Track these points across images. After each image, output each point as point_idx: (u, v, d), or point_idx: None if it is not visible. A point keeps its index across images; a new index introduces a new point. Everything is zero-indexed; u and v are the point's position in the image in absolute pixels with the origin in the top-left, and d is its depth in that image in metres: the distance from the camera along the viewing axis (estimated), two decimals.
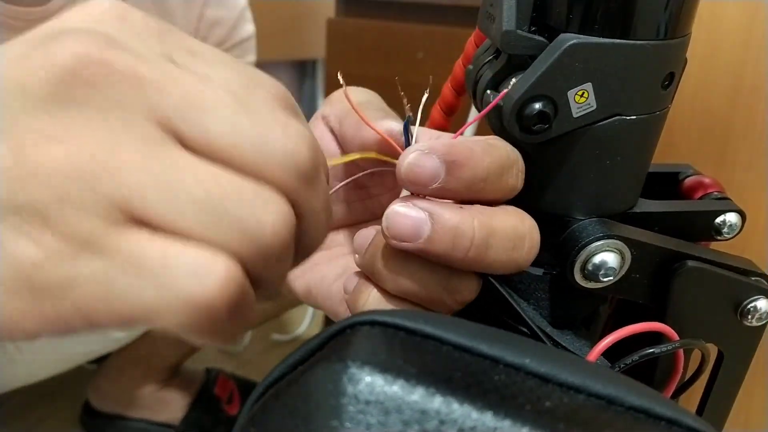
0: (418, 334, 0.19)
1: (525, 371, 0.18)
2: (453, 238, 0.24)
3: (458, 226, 0.24)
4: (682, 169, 0.36)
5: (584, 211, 0.29)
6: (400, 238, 0.24)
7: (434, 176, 0.24)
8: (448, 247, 0.24)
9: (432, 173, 0.24)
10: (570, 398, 0.17)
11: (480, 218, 0.25)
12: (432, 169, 0.24)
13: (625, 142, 0.28)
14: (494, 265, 0.26)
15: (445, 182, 0.24)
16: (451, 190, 0.24)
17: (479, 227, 0.25)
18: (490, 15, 0.28)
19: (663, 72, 0.27)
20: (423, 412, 0.16)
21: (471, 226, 0.24)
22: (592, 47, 0.25)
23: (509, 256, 0.26)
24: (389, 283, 0.26)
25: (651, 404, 0.18)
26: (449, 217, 0.24)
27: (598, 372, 0.18)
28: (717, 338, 0.32)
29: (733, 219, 0.32)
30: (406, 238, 0.24)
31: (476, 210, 0.25)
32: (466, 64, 0.33)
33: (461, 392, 0.16)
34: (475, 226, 0.24)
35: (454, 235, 0.24)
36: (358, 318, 0.19)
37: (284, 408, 0.18)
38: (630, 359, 0.28)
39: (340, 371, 0.17)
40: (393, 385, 0.16)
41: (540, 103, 0.26)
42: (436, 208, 0.24)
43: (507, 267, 0.26)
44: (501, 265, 0.26)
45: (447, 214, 0.24)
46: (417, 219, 0.24)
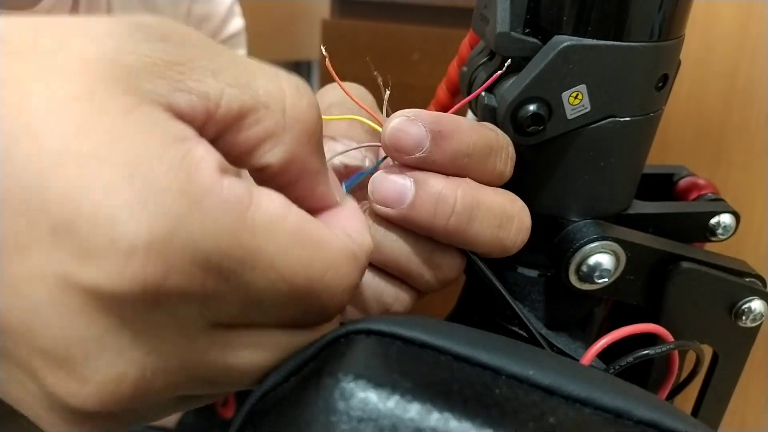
0: (415, 344, 0.18)
1: (528, 383, 0.17)
2: (435, 204, 0.24)
3: (441, 191, 0.24)
4: (676, 170, 0.35)
5: (579, 213, 0.29)
6: (385, 203, 0.24)
7: (418, 144, 0.24)
8: (430, 214, 0.24)
9: (416, 140, 0.24)
10: (576, 412, 0.16)
11: (465, 188, 0.25)
12: (416, 135, 0.24)
13: (619, 143, 0.28)
14: (478, 240, 0.25)
15: (429, 152, 0.24)
16: (434, 162, 0.24)
17: (462, 196, 0.24)
18: (484, 17, 0.28)
19: (657, 74, 0.27)
20: (419, 430, 0.15)
21: (454, 193, 0.24)
22: (586, 49, 0.25)
23: (494, 234, 0.25)
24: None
25: (661, 417, 0.17)
26: (433, 184, 0.24)
27: (605, 382, 0.17)
28: (712, 339, 0.32)
29: (728, 220, 0.32)
30: (391, 203, 0.24)
31: (463, 181, 0.25)
32: (460, 65, 0.32)
33: (459, 407, 0.15)
34: (458, 195, 0.24)
35: (436, 200, 0.24)
36: (353, 327, 0.18)
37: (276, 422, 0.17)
38: (625, 361, 0.28)
39: (331, 386, 0.16)
40: (388, 401, 0.15)
41: (534, 105, 0.26)
42: (421, 175, 0.24)
43: (492, 246, 0.26)
44: (485, 242, 0.25)
45: (432, 180, 0.24)
46: (402, 185, 0.24)
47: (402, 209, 0.24)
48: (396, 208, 0.24)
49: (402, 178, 0.24)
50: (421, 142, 0.24)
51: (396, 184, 0.24)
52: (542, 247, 0.29)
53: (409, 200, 0.24)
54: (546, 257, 0.30)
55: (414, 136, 0.24)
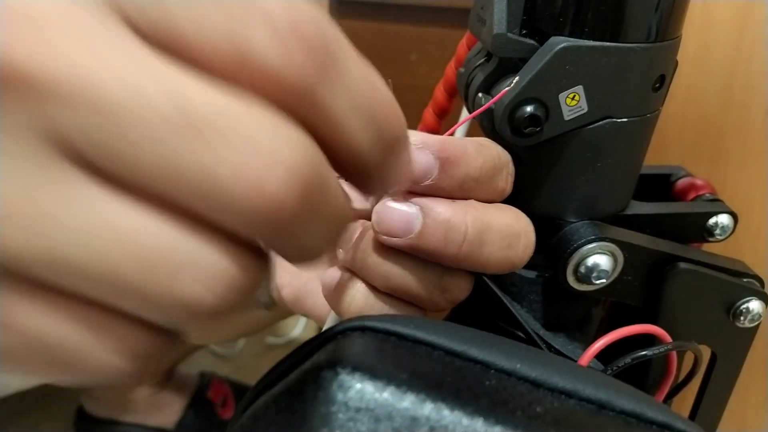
0: (409, 340, 0.19)
1: (516, 376, 0.18)
2: (445, 233, 0.23)
3: (450, 219, 0.23)
4: (674, 170, 0.36)
5: (576, 214, 0.29)
6: (391, 234, 0.24)
7: (427, 172, 0.23)
8: (440, 243, 0.23)
9: (425, 169, 0.23)
10: (561, 403, 0.17)
11: (473, 213, 0.24)
12: (425, 164, 0.23)
13: (616, 144, 0.28)
14: (488, 263, 0.25)
15: (438, 179, 0.23)
16: (442, 189, 0.24)
17: (472, 222, 0.24)
18: (480, 18, 0.28)
19: (653, 74, 0.27)
20: (414, 419, 0.16)
21: (463, 220, 0.24)
22: (582, 50, 0.25)
23: (504, 254, 0.25)
24: (378, 280, 0.25)
25: (642, 408, 0.18)
26: (441, 211, 0.23)
27: (589, 376, 0.18)
28: (710, 340, 0.32)
29: (725, 220, 0.32)
30: (397, 234, 0.24)
31: (469, 205, 0.24)
32: (457, 66, 0.32)
33: (452, 398, 0.16)
34: (468, 221, 0.24)
35: (446, 229, 0.23)
36: (349, 324, 0.19)
37: (275, 416, 0.17)
38: (623, 361, 0.28)
39: (330, 378, 0.17)
40: (383, 392, 0.16)
41: (531, 106, 0.26)
42: (427, 202, 0.24)
43: (501, 266, 0.25)
44: (495, 263, 0.25)
45: (439, 207, 0.23)
46: (408, 213, 0.23)
47: (410, 239, 0.23)
48: (403, 238, 0.24)
49: (407, 206, 0.23)
50: (430, 170, 0.23)
51: (402, 214, 0.23)
52: (540, 248, 0.29)
53: (417, 229, 0.23)
54: (543, 258, 0.30)
55: (422, 165, 0.23)
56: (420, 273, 0.25)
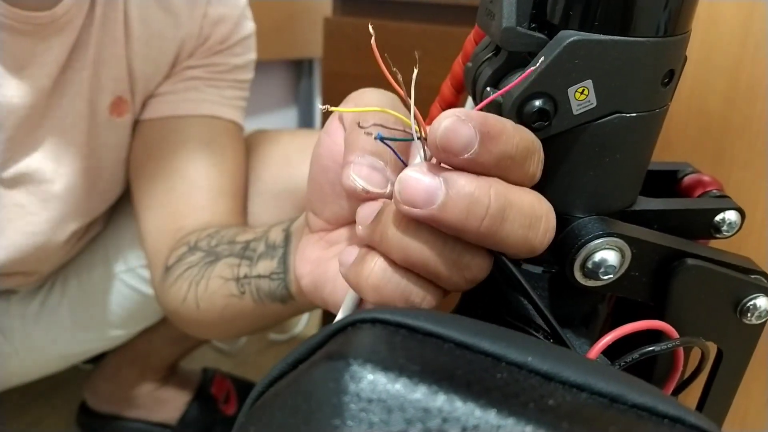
0: (419, 332, 0.18)
1: (527, 369, 0.18)
2: (468, 206, 0.23)
3: (473, 193, 0.23)
4: (681, 167, 0.35)
5: (584, 209, 0.29)
6: (412, 204, 0.23)
7: (468, 145, 0.23)
8: (462, 216, 0.23)
9: (466, 141, 0.23)
10: (573, 396, 0.17)
11: (497, 188, 0.24)
12: (467, 137, 0.23)
13: (625, 139, 0.28)
14: (508, 241, 0.25)
15: (477, 154, 0.23)
16: (480, 164, 0.23)
17: (495, 197, 0.24)
18: (489, 12, 0.28)
19: (663, 69, 0.27)
20: (426, 410, 0.16)
21: (487, 194, 0.23)
22: (592, 44, 0.25)
23: (524, 234, 0.25)
24: (397, 253, 0.25)
25: (654, 402, 0.17)
26: (464, 184, 0.23)
27: (600, 370, 0.18)
28: (716, 336, 0.32)
29: (733, 217, 0.32)
30: (419, 204, 0.23)
31: (493, 180, 0.24)
32: (465, 61, 0.32)
33: (464, 390, 0.16)
34: (491, 195, 0.24)
35: (469, 202, 0.23)
36: (359, 316, 0.19)
37: (285, 407, 0.17)
38: (630, 357, 0.28)
39: (341, 369, 0.16)
40: (395, 383, 0.16)
41: (540, 101, 0.26)
42: (451, 175, 0.23)
43: (521, 246, 0.25)
44: (515, 243, 0.25)
45: (462, 180, 0.23)
46: (431, 184, 0.23)
47: (432, 210, 0.23)
48: (425, 209, 0.23)
49: (431, 178, 0.23)
50: (471, 143, 0.23)
51: (425, 184, 0.23)
52: None
53: (440, 201, 0.23)
54: (550, 253, 0.30)
55: (464, 138, 0.23)
56: (439, 248, 0.25)
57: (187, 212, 0.59)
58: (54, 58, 0.56)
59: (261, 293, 0.42)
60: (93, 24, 0.59)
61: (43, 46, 0.55)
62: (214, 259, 0.48)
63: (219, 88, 0.68)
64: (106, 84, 0.62)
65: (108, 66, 0.61)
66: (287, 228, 0.43)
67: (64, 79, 0.58)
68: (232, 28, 0.68)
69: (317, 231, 0.35)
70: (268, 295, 0.42)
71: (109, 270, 0.75)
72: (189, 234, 0.55)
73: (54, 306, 0.76)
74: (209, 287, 0.47)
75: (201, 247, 0.51)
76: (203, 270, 0.48)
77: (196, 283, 0.48)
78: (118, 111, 0.64)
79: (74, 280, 0.76)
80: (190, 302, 0.48)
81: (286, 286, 0.41)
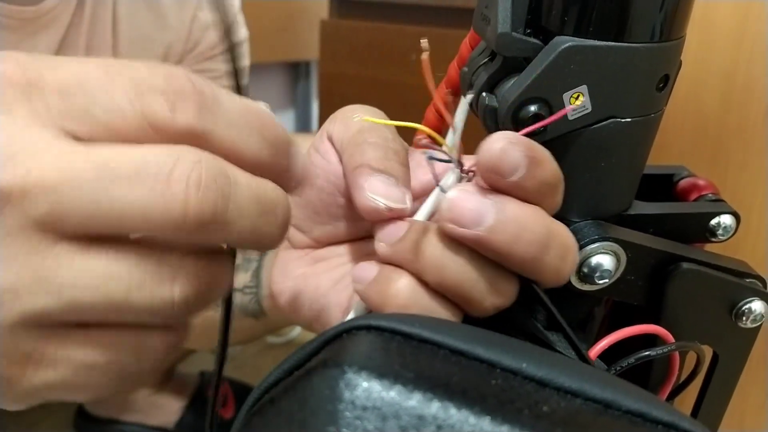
0: (414, 339, 0.19)
1: (522, 375, 0.18)
2: (517, 231, 0.23)
3: (523, 218, 0.23)
4: (676, 170, 0.36)
5: (579, 213, 0.29)
6: (460, 223, 0.23)
7: (516, 168, 0.23)
8: (510, 240, 0.23)
9: (515, 165, 0.23)
10: (567, 402, 0.17)
11: (544, 217, 0.24)
12: (516, 160, 0.23)
13: (620, 144, 0.28)
14: (546, 270, 0.24)
15: (522, 178, 0.23)
16: (523, 188, 0.23)
17: (542, 224, 0.24)
18: (485, 17, 0.28)
19: (658, 74, 0.27)
20: (420, 417, 0.16)
21: (535, 221, 0.23)
22: (587, 50, 0.25)
23: (559, 264, 0.25)
24: (432, 273, 0.25)
25: (648, 408, 0.18)
26: (514, 208, 0.23)
27: (594, 376, 0.18)
28: (712, 340, 0.32)
29: (728, 221, 0.32)
30: (466, 224, 0.23)
31: (538, 207, 0.24)
32: (460, 65, 0.32)
33: (458, 397, 0.16)
34: (539, 222, 0.24)
35: (518, 227, 0.23)
36: (354, 323, 0.19)
37: (280, 414, 0.17)
38: (626, 362, 0.28)
39: (336, 376, 0.17)
40: (390, 391, 0.16)
41: (535, 106, 0.26)
42: (501, 198, 0.23)
43: (553, 276, 0.25)
44: (550, 273, 0.25)
45: (512, 204, 0.23)
46: (481, 205, 0.23)
47: (478, 231, 0.23)
48: (472, 230, 0.23)
49: (481, 199, 0.23)
50: (519, 166, 0.23)
51: (475, 203, 0.23)
52: None
53: (489, 223, 0.23)
54: None
55: (514, 161, 0.23)
56: (477, 272, 0.24)
57: None
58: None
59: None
60: (81, 23, 0.59)
61: (28, 43, 0.55)
62: None
63: None
64: None
65: None
66: None
67: None
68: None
69: (301, 248, 0.35)
70: (241, 310, 0.40)
71: None
72: None
73: None
74: None
75: None
76: None
77: None
78: None
79: None
80: None
81: (258, 301, 0.39)
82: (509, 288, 0.25)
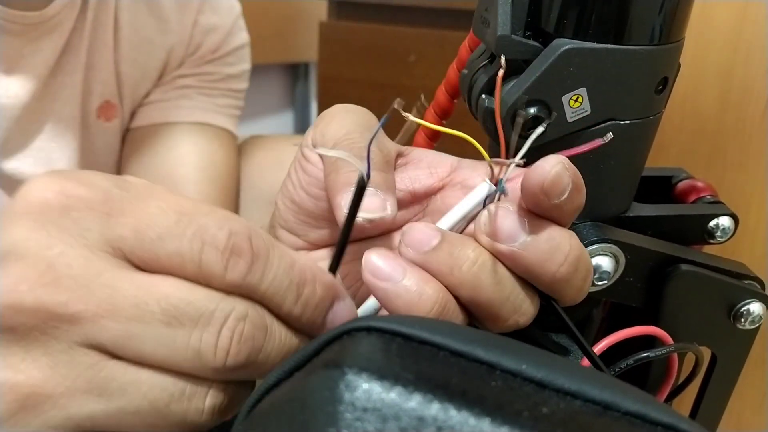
0: (414, 340, 0.18)
1: (522, 377, 0.18)
2: (550, 249, 0.24)
3: (558, 238, 0.24)
4: (675, 172, 0.36)
5: (579, 215, 0.29)
6: (497, 238, 0.24)
7: (563, 192, 0.23)
8: (543, 258, 0.24)
9: (564, 189, 0.23)
10: (567, 404, 0.17)
11: (576, 239, 0.25)
12: (564, 186, 0.23)
13: (619, 146, 0.28)
14: (571, 289, 0.25)
15: (565, 202, 0.23)
16: (562, 210, 0.24)
17: (575, 246, 0.24)
18: (484, 20, 0.28)
19: (657, 77, 0.27)
20: (421, 419, 0.16)
21: (568, 242, 0.24)
22: (586, 52, 0.26)
23: (582, 285, 0.25)
24: (467, 290, 0.24)
25: (647, 409, 0.18)
26: (548, 228, 0.24)
27: (594, 377, 0.18)
28: (710, 341, 0.32)
29: (726, 223, 0.32)
30: (502, 238, 0.24)
31: (570, 230, 0.25)
32: (460, 68, 0.33)
33: (458, 398, 0.16)
34: (572, 244, 0.24)
35: (551, 246, 0.24)
36: (354, 324, 0.19)
37: (280, 415, 0.17)
38: (625, 363, 0.28)
39: (336, 378, 0.17)
40: (390, 392, 0.16)
41: (534, 108, 0.26)
42: (536, 218, 0.24)
43: (575, 296, 0.25)
44: (573, 292, 0.25)
45: (546, 224, 0.24)
46: (518, 221, 0.24)
47: (514, 247, 0.24)
48: (507, 245, 0.24)
49: (518, 216, 0.24)
50: (565, 191, 0.23)
51: (515, 219, 0.24)
52: None
53: (523, 239, 0.24)
54: None
55: (564, 185, 0.23)
56: (509, 290, 0.25)
57: None
58: (43, 60, 0.56)
59: None
60: (84, 28, 0.59)
61: (31, 47, 0.55)
62: None
63: (211, 97, 0.68)
64: (95, 87, 0.62)
65: (97, 69, 0.61)
66: None
67: (55, 82, 0.58)
68: (223, 37, 0.68)
69: (296, 250, 0.34)
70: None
71: None
72: None
73: None
74: None
75: None
76: None
77: None
78: (106, 115, 0.64)
79: None
80: None
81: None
82: (531, 309, 0.26)
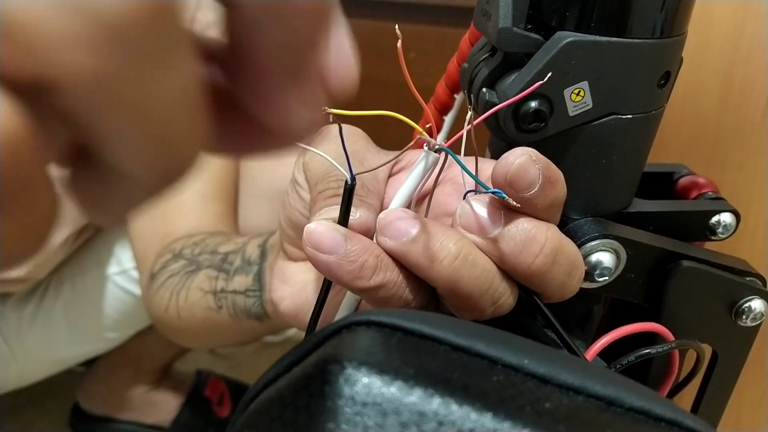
0: (415, 335, 0.18)
1: (524, 372, 0.18)
2: (524, 240, 0.24)
3: (531, 229, 0.24)
4: (676, 169, 0.35)
5: (580, 211, 0.29)
6: (471, 230, 0.24)
7: (531, 185, 0.23)
8: (517, 249, 0.24)
9: (531, 181, 0.23)
10: (570, 399, 0.17)
11: (553, 231, 0.24)
12: (533, 177, 0.23)
13: (620, 140, 0.28)
14: (551, 283, 0.25)
15: (535, 195, 0.23)
16: (535, 205, 0.24)
17: (551, 238, 0.24)
18: (486, 12, 0.28)
19: (659, 71, 0.27)
20: (421, 413, 0.16)
21: (544, 233, 0.24)
22: (588, 45, 0.25)
23: (564, 280, 0.25)
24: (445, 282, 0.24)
25: (651, 405, 0.17)
26: (522, 220, 0.24)
27: (596, 372, 0.18)
28: (712, 338, 0.32)
29: (728, 219, 0.32)
30: (474, 230, 0.24)
31: (549, 223, 0.25)
32: (460, 62, 0.32)
33: (460, 393, 0.16)
34: (548, 235, 0.24)
35: (525, 237, 0.24)
36: (354, 318, 0.19)
37: (280, 410, 0.17)
38: (626, 359, 0.28)
39: (336, 372, 0.16)
40: (391, 386, 0.16)
41: (536, 102, 0.26)
42: (512, 212, 0.24)
43: (557, 291, 0.25)
44: (554, 287, 0.25)
45: (522, 216, 0.24)
46: (492, 213, 0.24)
47: (488, 239, 0.24)
48: (481, 236, 0.24)
49: (492, 209, 0.24)
50: (534, 183, 0.23)
51: (485, 211, 0.24)
52: None
53: (497, 231, 0.24)
54: None
55: (531, 177, 0.23)
56: (489, 283, 0.24)
57: (174, 217, 0.59)
58: None
59: (237, 309, 0.41)
60: None
61: None
62: (195, 269, 0.47)
63: None
64: None
65: None
66: (263, 243, 0.41)
67: None
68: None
69: (296, 261, 0.34)
70: (244, 312, 0.41)
71: (102, 272, 0.75)
72: (176, 240, 0.54)
73: (48, 309, 0.76)
74: (189, 298, 0.46)
75: (184, 255, 0.50)
76: (183, 279, 0.48)
77: (177, 292, 0.47)
78: None
79: (68, 283, 0.76)
80: (171, 311, 0.48)
81: (262, 305, 0.39)
82: (510, 301, 0.26)
